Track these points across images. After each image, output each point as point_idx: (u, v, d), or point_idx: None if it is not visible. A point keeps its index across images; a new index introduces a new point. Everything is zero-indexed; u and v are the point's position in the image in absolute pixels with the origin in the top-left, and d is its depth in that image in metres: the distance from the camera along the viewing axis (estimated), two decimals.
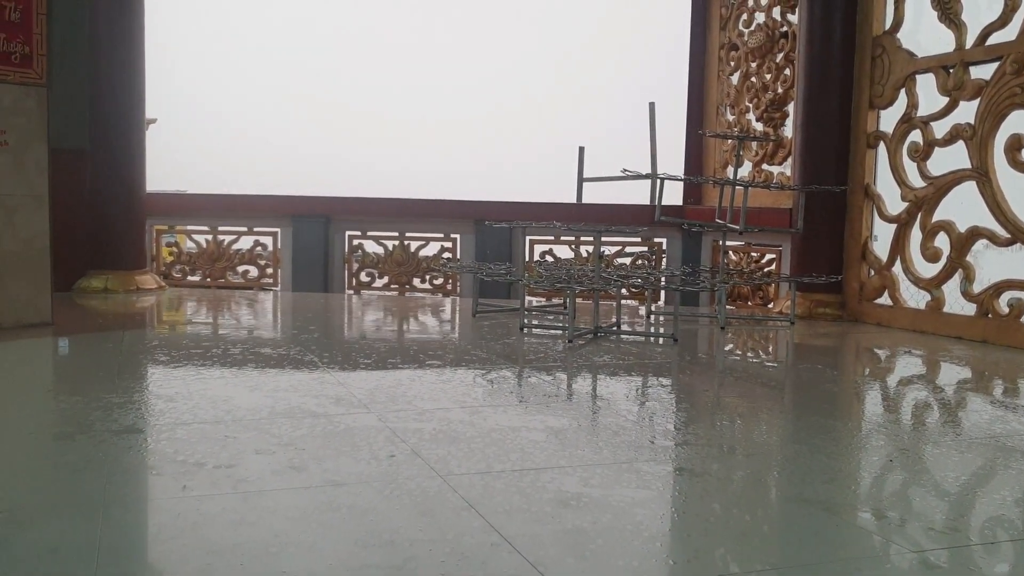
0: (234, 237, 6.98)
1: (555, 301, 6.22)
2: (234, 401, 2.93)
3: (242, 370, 3.51)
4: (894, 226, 5.22)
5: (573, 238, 6.77)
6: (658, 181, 5.09)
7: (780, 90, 6.18)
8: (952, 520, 1.99)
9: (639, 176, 5.04)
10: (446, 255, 6.93)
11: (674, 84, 7.21)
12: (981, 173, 4.66)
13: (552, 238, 6.81)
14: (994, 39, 4.62)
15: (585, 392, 3.40)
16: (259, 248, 6.99)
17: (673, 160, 7.09)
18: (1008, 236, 4.55)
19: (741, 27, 6.57)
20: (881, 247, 5.36)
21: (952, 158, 4.86)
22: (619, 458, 2.36)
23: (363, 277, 6.99)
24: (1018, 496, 2.15)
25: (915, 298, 5.13)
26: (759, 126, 6.42)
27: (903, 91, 5.16)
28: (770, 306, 6.09)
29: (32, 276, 4.52)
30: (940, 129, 4.94)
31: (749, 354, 4.52)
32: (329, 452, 2.35)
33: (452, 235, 6.93)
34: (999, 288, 4.63)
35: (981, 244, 4.72)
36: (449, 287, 6.91)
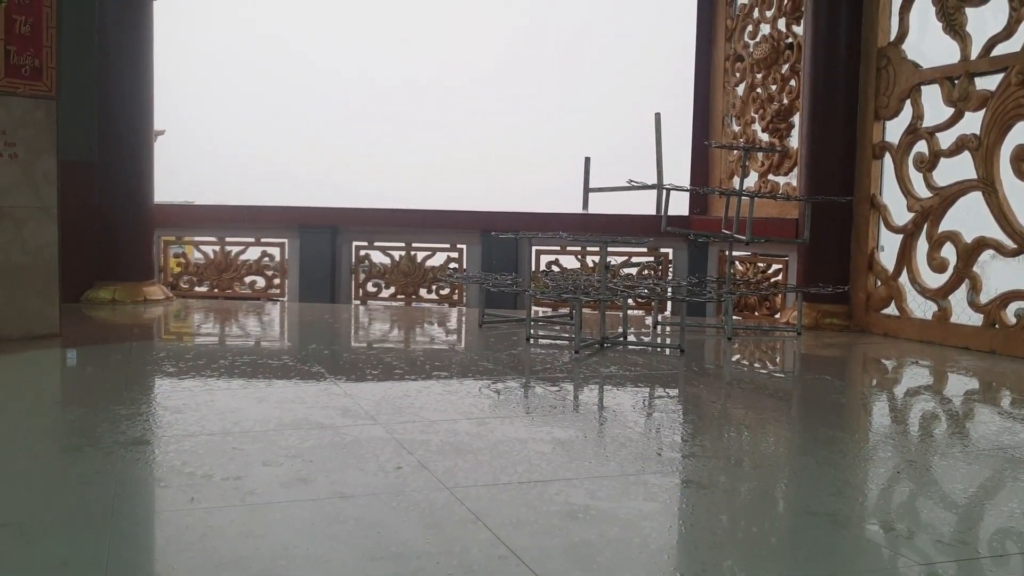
0: (241, 248, 7.00)
1: (561, 311, 6.22)
2: (241, 413, 2.94)
3: (249, 381, 3.52)
4: (900, 236, 5.22)
5: (579, 248, 6.77)
6: (664, 191, 5.09)
7: (786, 101, 6.18)
8: (961, 532, 1.99)
9: (645, 186, 5.04)
10: (452, 265, 6.94)
11: (680, 95, 7.23)
12: (987, 184, 4.66)
13: (558, 248, 6.81)
14: (999, 50, 4.62)
15: (592, 403, 3.40)
16: (266, 259, 7.01)
17: (679, 171, 7.11)
18: (1014, 246, 4.54)
19: (747, 38, 6.58)
20: (887, 257, 5.35)
21: (958, 169, 4.86)
22: (626, 470, 2.36)
23: (369, 287, 7.01)
24: None
25: (922, 308, 5.12)
26: (765, 137, 6.43)
27: (908, 102, 5.16)
28: (777, 316, 6.08)
29: (40, 287, 4.54)
30: (946, 140, 4.94)
31: (756, 365, 4.51)
32: (336, 464, 2.36)
33: (459, 245, 6.94)
34: (1006, 298, 4.62)
35: (987, 254, 4.71)
36: (455, 297, 6.92)
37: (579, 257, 6.87)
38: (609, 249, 4.81)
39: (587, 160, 5.28)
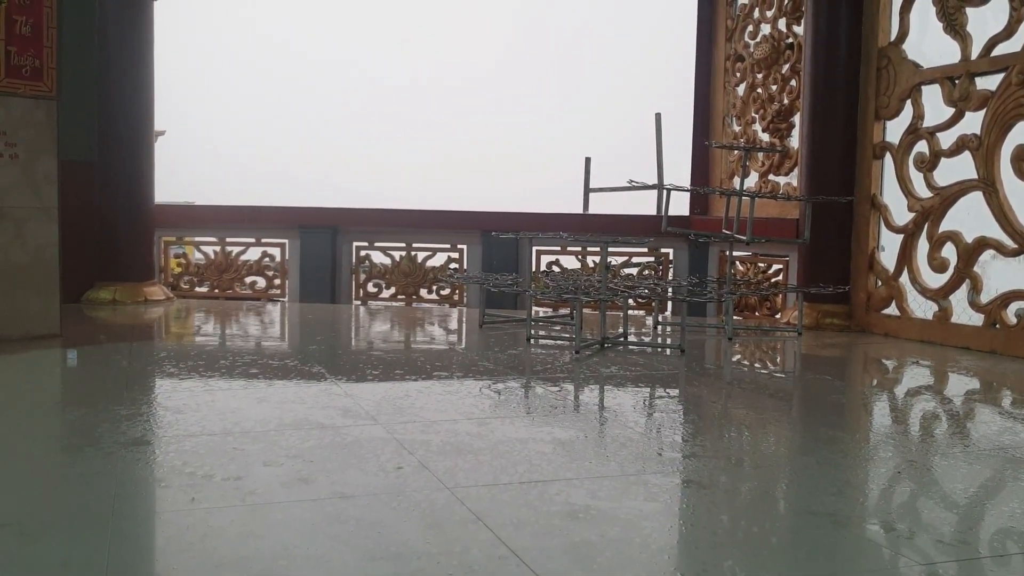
0: (242, 248, 7.01)
1: (562, 311, 6.22)
2: (242, 413, 2.94)
3: (250, 382, 3.52)
4: (901, 236, 5.22)
5: (580, 248, 6.77)
6: (664, 192, 5.09)
7: (786, 101, 6.18)
8: (961, 532, 1.99)
9: (645, 187, 5.04)
10: (453, 265, 6.94)
11: (680, 95, 7.22)
12: (987, 183, 4.66)
13: (559, 248, 6.81)
14: (999, 50, 4.62)
15: (592, 403, 3.40)
16: (267, 259, 7.01)
17: (679, 171, 7.11)
18: (1015, 246, 4.54)
19: (747, 38, 6.58)
20: (888, 257, 5.35)
21: (958, 169, 4.86)
22: (627, 470, 2.36)
23: (370, 288, 7.01)
24: None
25: (922, 308, 5.12)
26: (765, 137, 6.43)
27: (909, 102, 5.16)
28: (777, 316, 6.08)
29: (41, 287, 4.54)
30: (946, 140, 4.94)
31: (757, 365, 4.51)
32: (337, 464, 2.36)
33: (459, 245, 6.94)
34: (1006, 298, 4.62)
35: (988, 254, 4.71)
36: (456, 298, 6.92)
37: (579, 257, 6.87)
38: (610, 249, 4.80)
39: (587, 160, 5.28)
